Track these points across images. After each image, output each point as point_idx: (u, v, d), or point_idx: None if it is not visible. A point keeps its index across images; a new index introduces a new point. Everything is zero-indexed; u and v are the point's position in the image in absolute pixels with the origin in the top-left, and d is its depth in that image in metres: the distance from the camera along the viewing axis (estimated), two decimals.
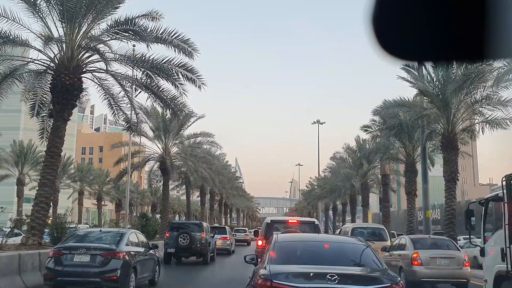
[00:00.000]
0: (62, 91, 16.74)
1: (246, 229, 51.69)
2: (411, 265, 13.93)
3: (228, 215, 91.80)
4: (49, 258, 11.44)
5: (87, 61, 17.75)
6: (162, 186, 37.52)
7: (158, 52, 19.42)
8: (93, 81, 19.41)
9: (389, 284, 6.06)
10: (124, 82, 19.03)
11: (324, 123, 62.53)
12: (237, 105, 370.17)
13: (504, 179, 8.95)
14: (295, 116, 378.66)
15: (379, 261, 6.95)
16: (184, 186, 56.29)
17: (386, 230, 21.88)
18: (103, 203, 72.41)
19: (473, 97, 22.54)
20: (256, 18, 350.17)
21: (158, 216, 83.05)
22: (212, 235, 24.93)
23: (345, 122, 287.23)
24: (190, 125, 36.75)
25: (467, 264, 14.08)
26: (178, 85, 18.23)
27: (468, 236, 12.14)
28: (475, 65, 16.88)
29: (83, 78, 18.12)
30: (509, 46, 1.38)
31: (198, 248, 22.18)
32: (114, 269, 11.05)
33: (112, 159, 36.57)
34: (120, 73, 18.20)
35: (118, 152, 49.03)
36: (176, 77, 17.98)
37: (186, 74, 18.03)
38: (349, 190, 47.51)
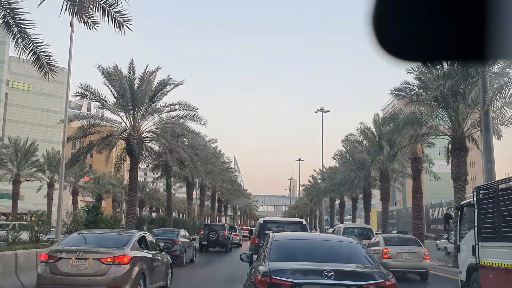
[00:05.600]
0: None
1: (249, 227, 60.31)
2: (382, 258, 16.30)
3: (223, 213, 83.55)
4: None
5: None
6: (129, 172, 29.49)
7: None
8: None
9: (382, 280, 6.17)
10: None
11: (329, 111, 56.70)
12: (236, 105, 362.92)
13: (474, 190, 10.84)
14: (294, 114, 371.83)
15: (372, 258, 7.08)
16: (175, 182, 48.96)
17: (373, 230, 24.43)
18: (81, 198, 64.81)
19: None
20: (255, 17, 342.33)
21: (153, 214, 76.02)
22: (231, 232, 34.07)
23: (344, 121, 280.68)
24: (166, 94, 28.68)
25: (427, 257, 16.95)
26: None
27: (447, 235, 15.94)
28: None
29: None
30: (510, 46, 1.36)
31: (222, 241, 30.88)
32: (176, 250, 20.04)
33: (104, 153, 29.01)
34: None
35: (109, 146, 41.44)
36: None
37: None
38: (363, 181, 39.37)
